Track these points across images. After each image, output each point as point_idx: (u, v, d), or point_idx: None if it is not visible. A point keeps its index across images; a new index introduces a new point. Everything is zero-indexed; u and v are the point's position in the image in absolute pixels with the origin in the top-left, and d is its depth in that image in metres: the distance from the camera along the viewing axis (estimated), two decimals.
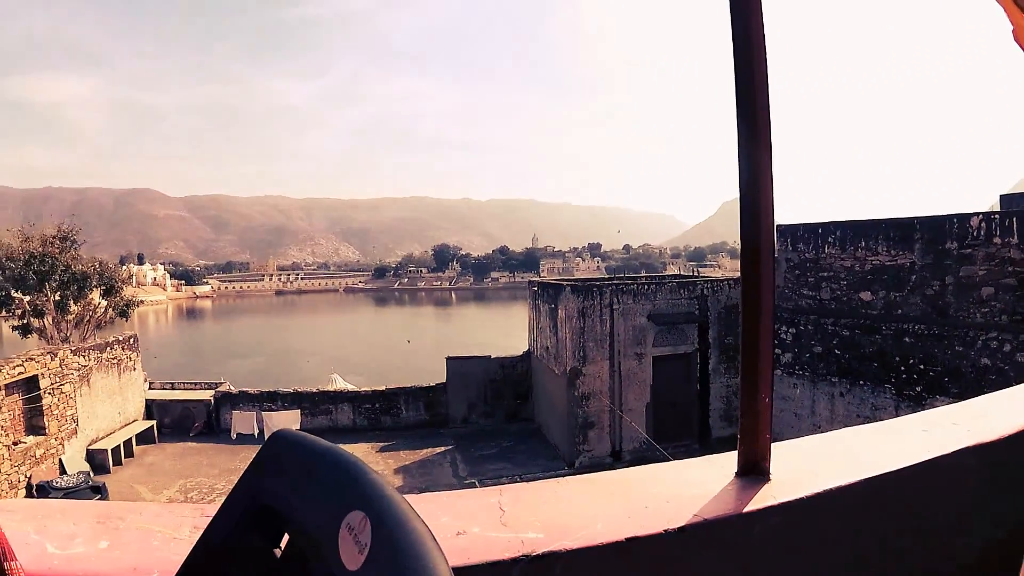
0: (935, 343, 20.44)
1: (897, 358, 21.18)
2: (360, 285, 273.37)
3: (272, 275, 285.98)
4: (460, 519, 1.60)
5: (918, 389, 19.95)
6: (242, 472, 1.04)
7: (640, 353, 25.86)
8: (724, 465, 1.97)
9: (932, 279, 20.93)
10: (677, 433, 26.11)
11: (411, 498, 1.78)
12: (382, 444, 29.60)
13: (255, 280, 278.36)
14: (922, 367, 20.51)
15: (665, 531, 1.58)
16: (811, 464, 2.06)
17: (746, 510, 1.72)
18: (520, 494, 1.79)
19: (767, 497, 1.79)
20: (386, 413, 32.44)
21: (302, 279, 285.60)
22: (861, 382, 22.00)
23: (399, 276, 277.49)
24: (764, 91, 1.91)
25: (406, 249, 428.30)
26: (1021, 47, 3.43)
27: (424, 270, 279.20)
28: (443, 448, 28.99)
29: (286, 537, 0.97)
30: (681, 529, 1.60)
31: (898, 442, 2.35)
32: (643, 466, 2.08)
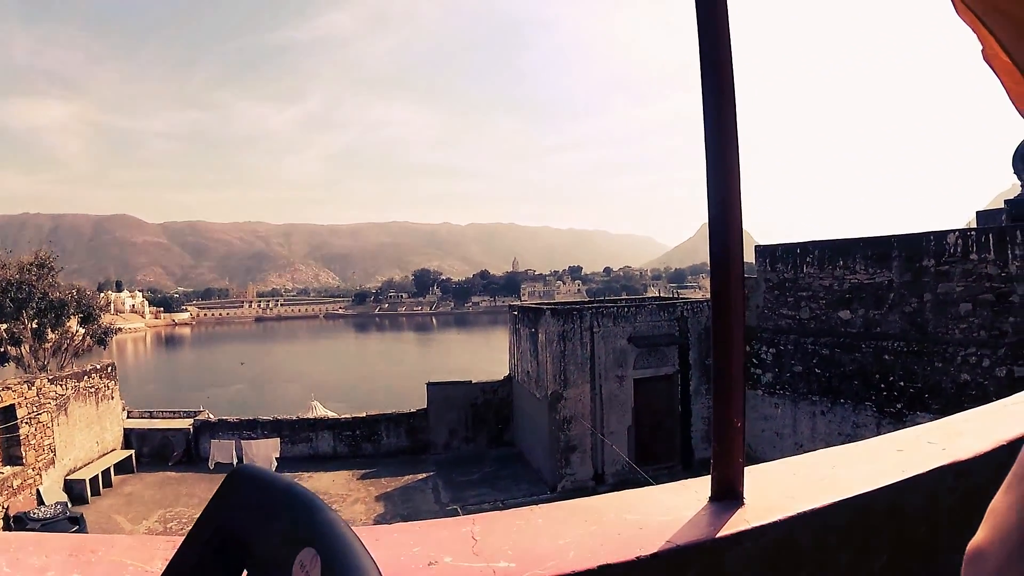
0: (915, 360, 20.52)
1: (877, 375, 21.25)
2: (340, 311, 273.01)
3: (251, 301, 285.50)
4: (432, 549, 1.58)
5: (899, 406, 20.02)
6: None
7: (621, 376, 25.88)
8: (698, 490, 1.96)
9: (910, 296, 21.03)
10: (660, 455, 26.11)
11: (385, 528, 1.77)
12: (363, 471, 29.45)
13: (234, 307, 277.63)
14: (902, 384, 20.58)
15: (638, 558, 1.57)
16: (785, 487, 2.05)
17: (719, 535, 1.71)
18: (492, 523, 1.78)
19: (741, 522, 1.78)
20: (367, 440, 32.29)
21: (282, 305, 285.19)
22: (842, 400, 22.06)
23: (379, 301, 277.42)
24: (732, 112, 1.92)
25: (386, 274, 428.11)
26: (990, 66, 3.46)
27: (404, 295, 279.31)
28: (425, 474, 28.88)
29: (246, 572, 0.96)
30: (654, 556, 1.59)
31: (873, 462, 2.35)
32: (616, 492, 2.07)
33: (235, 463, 29.56)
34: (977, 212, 31.91)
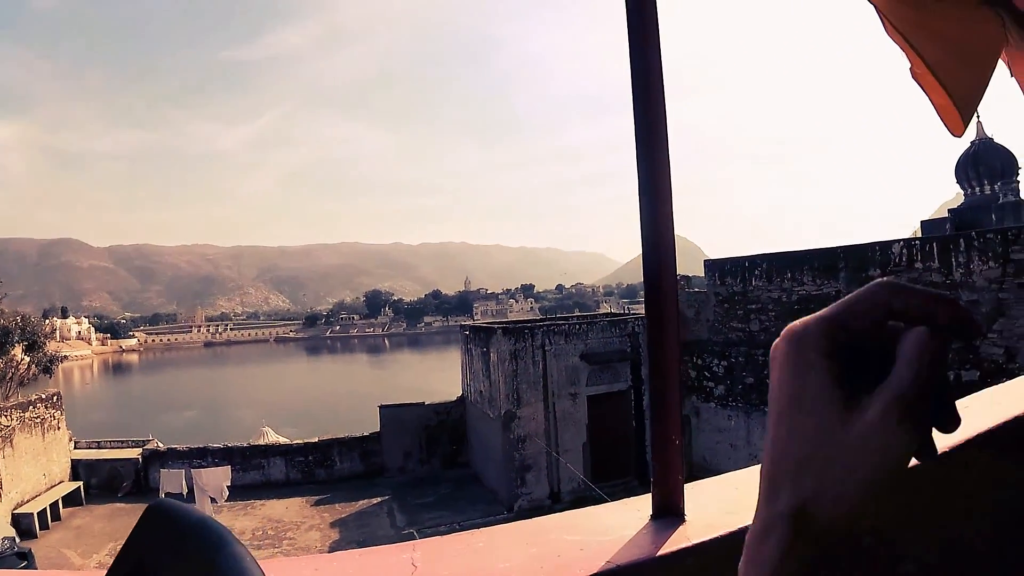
0: None
1: None
2: (291, 334, 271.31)
3: (200, 326, 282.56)
4: (373, 574, 1.56)
5: None
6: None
7: (574, 393, 25.93)
8: (640, 508, 1.95)
9: None
10: (615, 471, 26.15)
11: (326, 557, 1.75)
12: (317, 497, 29.20)
13: (183, 332, 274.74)
14: None
15: None
16: (726, 503, 2.05)
17: (660, 553, 1.70)
18: (433, 548, 1.76)
19: (682, 539, 1.77)
20: (320, 465, 32.04)
21: (231, 329, 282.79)
22: None
23: (331, 324, 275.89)
24: (662, 126, 1.92)
25: (337, 296, 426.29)
26: (918, 84, 3.52)
27: (356, 317, 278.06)
28: (380, 498, 28.70)
29: None
30: None
31: None
32: (559, 513, 2.06)
33: (185, 493, 29.22)
34: (922, 222, 32.50)
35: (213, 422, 66.27)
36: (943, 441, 2.02)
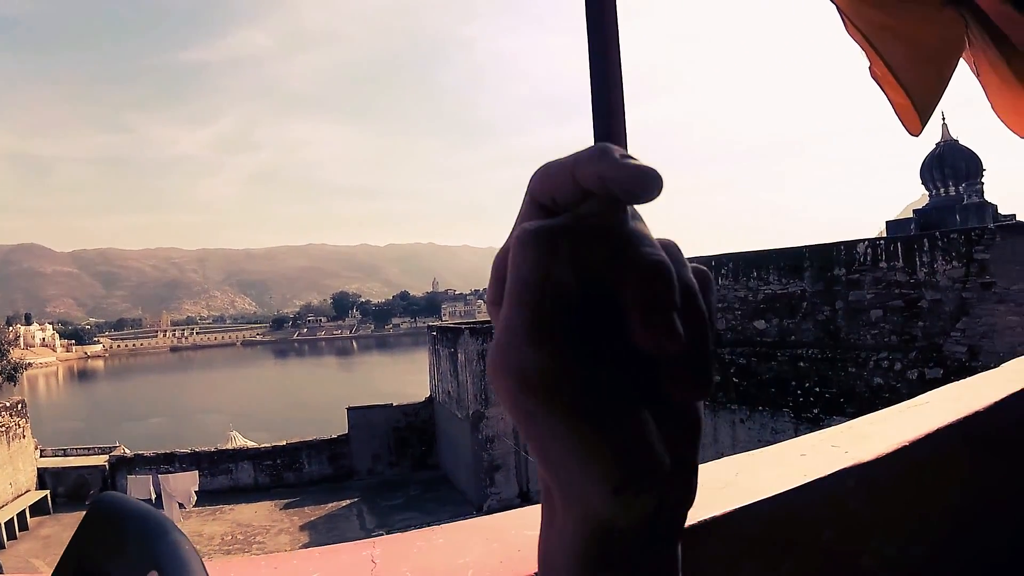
0: (829, 366, 20.95)
1: (793, 383, 21.64)
2: (258, 338, 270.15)
3: (166, 331, 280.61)
4: (330, 574, 1.56)
5: (815, 411, 20.40)
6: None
7: None
8: None
9: (823, 305, 21.50)
10: None
11: (284, 556, 1.74)
12: (286, 501, 29.12)
13: (148, 337, 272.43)
14: (818, 390, 20.99)
15: (536, 573, 1.56)
16: None
17: None
18: (394, 545, 1.75)
19: None
20: (288, 469, 31.94)
21: (197, 334, 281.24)
22: (760, 408, 22.41)
23: (298, 327, 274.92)
24: (621, 128, 1.92)
25: (304, 298, 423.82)
26: (876, 83, 3.57)
27: (324, 319, 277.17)
28: (349, 501, 28.66)
29: None
30: None
31: (776, 468, 2.36)
32: (519, 509, 2.06)
33: (153, 499, 29.00)
34: (887, 222, 32.78)
35: (180, 428, 65.81)
36: (905, 436, 2.06)
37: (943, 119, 34.80)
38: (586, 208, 0.39)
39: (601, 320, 0.39)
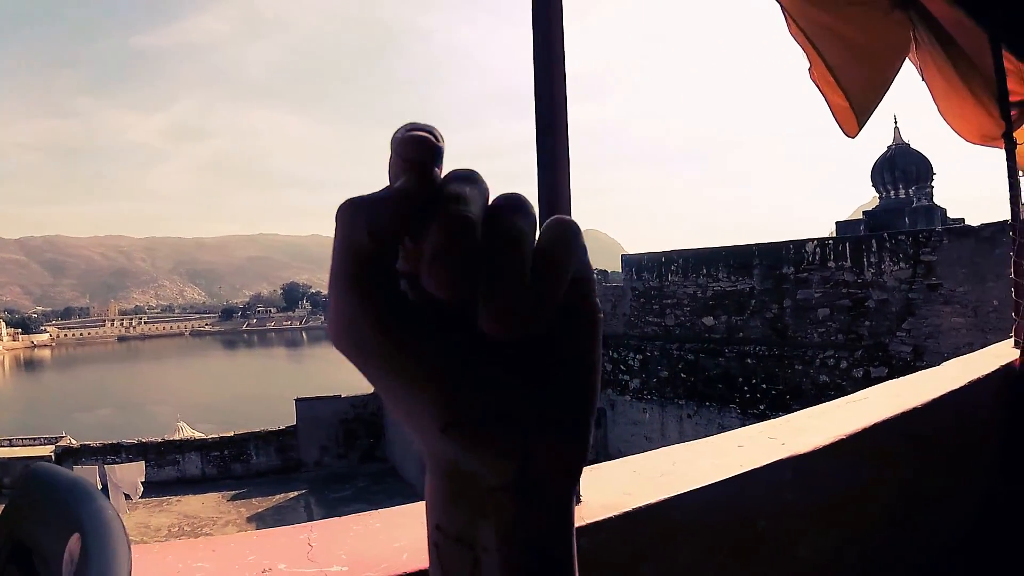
0: (776, 363, 21.20)
1: (741, 379, 21.88)
2: (207, 328, 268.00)
3: (114, 320, 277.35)
4: (267, 557, 1.56)
5: (762, 407, 20.62)
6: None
7: None
8: None
9: (771, 303, 21.77)
10: None
11: (223, 539, 1.75)
12: (233, 492, 28.87)
13: (96, 326, 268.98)
14: (764, 386, 21.24)
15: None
16: (624, 485, 2.09)
17: None
18: (331, 529, 1.77)
19: (576, 519, 1.80)
20: (236, 460, 31.64)
21: (145, 323, 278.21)
22: (707, 403, 22.63)
23: (247, 317, 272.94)
24: (563, 125, 1.96)
25: (254, 289, 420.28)
26: (815, 84, 3.64)
27: (273, 310, 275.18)
28: (297, 493, 28.48)
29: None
30: None
31: (714, 458, 2.41)
32: None
33: (100, 490, 28.61)
34: (837, 222, 33.14)
35: (128, 419, 65.22)
36: (843, 430, 2.11)
37: (895, 123, 35.28)
38: (401, 180, 0.42)
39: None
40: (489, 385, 0.41)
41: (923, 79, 4.83)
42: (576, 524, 1.44)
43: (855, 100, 3.61)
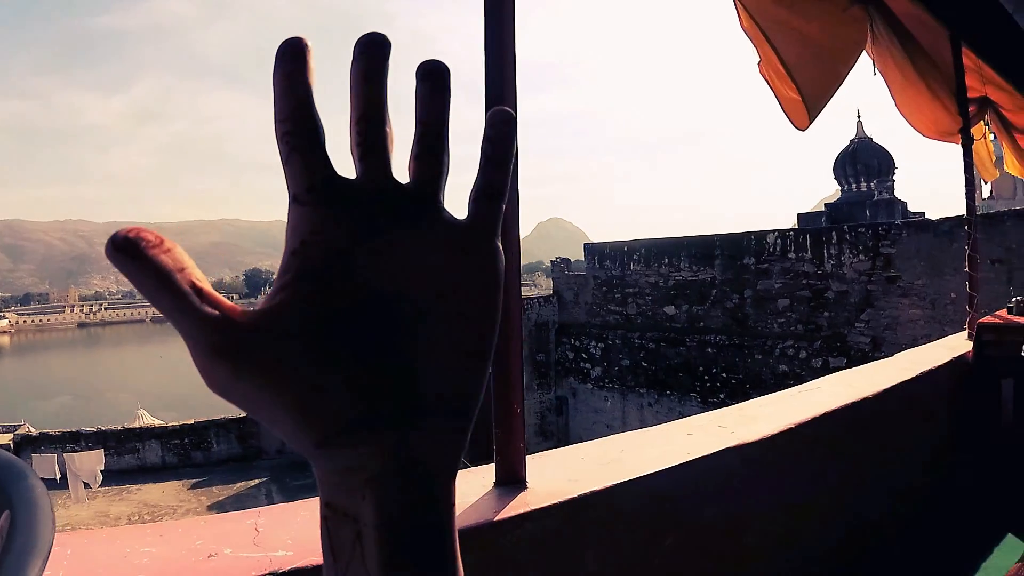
0: (736, 352, 21.35)
1: (701, 368, 22.03)
2: None
3: (74, 306, 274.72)
4: (214, 542, 1.58)
5: (722, 396, 20.78)
6: None
7: None
8: (485, 476, 2.00)
9: (732, 293, 21.91)
10: (488, 445, 26.41)
11: (171, 524, 1.76)
12: (194, 480, 28.68)
13: (56, 312, 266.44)
14: (725, 375, 21.39)
15: None
16: (571, 471, 2.12)
17: (498, 518, 1.75)
18: (278, 515, 1.78)
19: (522, 505, 1.83)
20: (196, 448, 31.38)
21: (106, 309, 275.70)
22: (668, 392, 22.77)
23: None
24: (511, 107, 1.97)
25: (216, 275, 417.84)
26: (764, 77, 3.67)
27: (235, 296, 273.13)
28: (258, 480, 28.32)
29: None
30: None
31: (662, 446, 2.44)
32: None
33: (58, 478, 28.42)
34: (799, 214, 33.37)
35: (88, 407, 64.85)
36: (792, 419, 2.14)
37: (858, 117, 35.58)
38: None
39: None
40: (360, 396, 0.42)
41: (880, 74, 4.87)
42: (522, 510, 1.47)
43: (807, 94, 3.64)
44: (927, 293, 18.65)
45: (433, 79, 0.50)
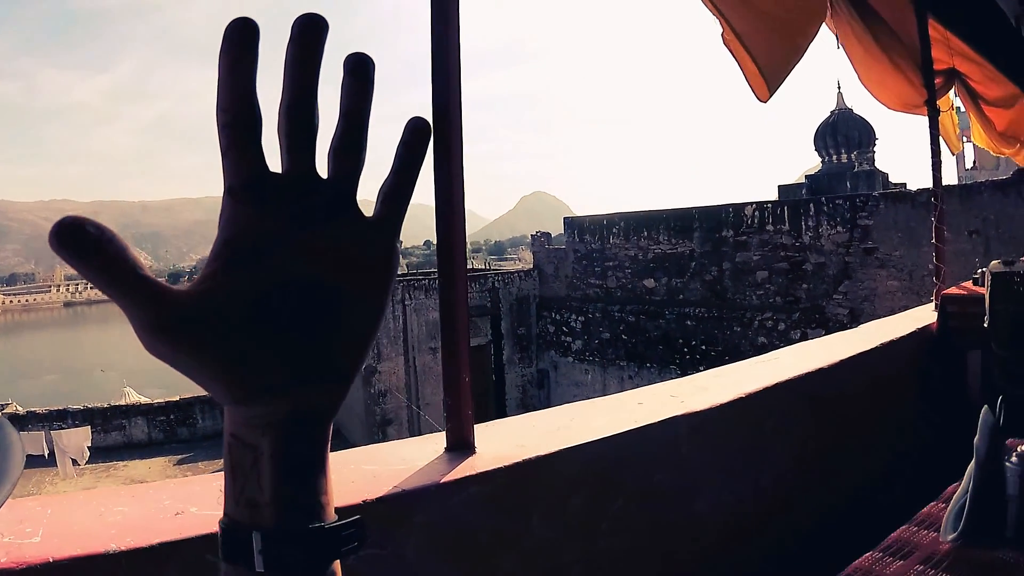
0: (715, 325, 21.47)
1: (680, 340, 22.15)
2: None
3: (60, 286, 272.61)
4: (181, 502, 1.66)
5: (701, 368, 20.73)
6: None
7: (435, 348, 25.97)
8: (437, 442, 2.09)
9: (711, 265, 22.00)
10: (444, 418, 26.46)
11: (143, 487, 1.86)
12: (180, 456, 28.69)
13: (42, 292, 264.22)
14: (704, 348, 21.53)
15: (364, 501, 1.70)
16: (520, 438, 2.20)
17: (444, 480, 1.85)
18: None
19: (468, 468, 1.92)
20: (182, 424, 31.35)
21: (91, 288, 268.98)
22: (648, 364, 22.89)
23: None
24: (457, 106, 2.07)
25: (201, 252, 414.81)
26: (728, 49, 3.70)
27: None
28: None
29: None
30: (380, 499, 1.71)
31: (612, 414, 2.53)
32: (364, 447, 2.20)
33: (46, 455, 28.35)
34: (779, 186, 33.32)
35: (75, 385, 64.40)
36: (743, 389, 2.26)
37: (839, 88, 35.55)
38: None
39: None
40: (278, 365, 0.55)
41: (843, 48, 4.90)
42: (468, 473, 1.61)
43: (765, 68, 3.67)
44: (905, 264, 18.74)
45: (358, 73, 0.60)
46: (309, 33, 0.57)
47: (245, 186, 0.55)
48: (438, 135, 2.02)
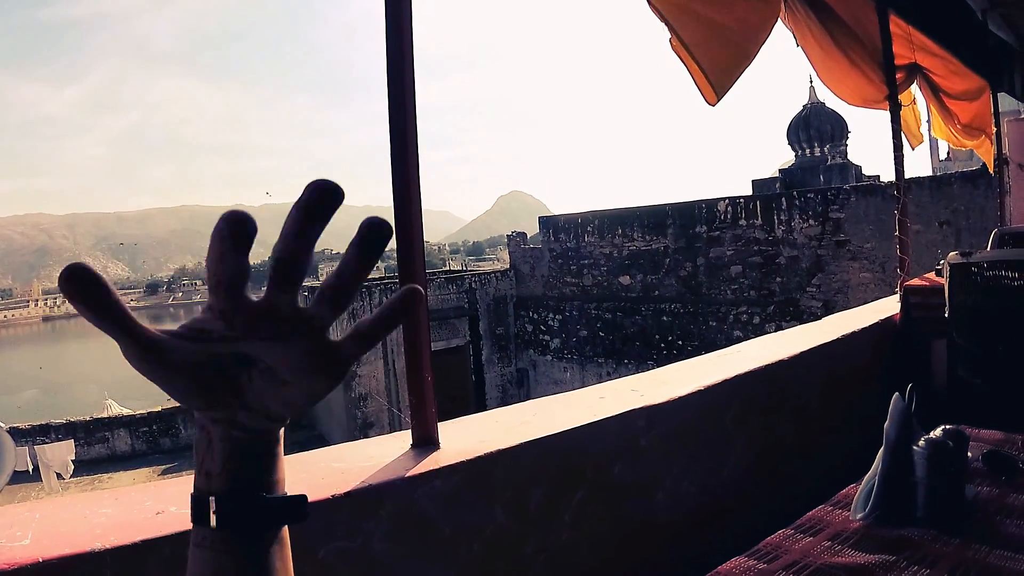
0: (691, 320, 21.59)
1: (657, 336, 22.26)
2: (132, 303, 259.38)
3: (38, 300, 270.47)
4: (161, 503, 1.74)
5: None
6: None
7: None
8: (404, 439, 2.19)
9: (685, 261, 22.12)
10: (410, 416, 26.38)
11: (124, 489, 1.97)
12: (164, 467, 28.57)
13: (19, 307, 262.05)
14: (680, 343, 21.63)
15: (333, 496, 1.81)
16: (483, 433, 2.32)
17: (410, 474, 1.94)
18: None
19: (432, 463, 2.02)
20: (165, 434, 31.20)
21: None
22: (626, 361, 22.98)
23: (173, 291, 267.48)
24: (411, 104, 2.18)
25: (178, 262, 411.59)
26: (676, 55, 3.77)
27: (199, 282, 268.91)
28: None
29: None
30: (347, 494, 1.81)
31: (573, 409, 2.63)
32: (335, 446, 2.32)
33: (30, 470, 28.18)
34: (753, 181, 33.39)
35: (56, 400, 64.08)
36: (702, 382, 2.39)
37: (811, 82, 35.55)
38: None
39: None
40: (214, 399, 0.69)
41: (800, 47, 4.96)
42: (432, 467, 1.75)
43: (712, 74, 3.69)
44: (876, 256, 18.88)
45: (370, 247, 0.67)
46: (320, 206, 0.65)
47: (222, 314, 0.66)
48: (394, 133, 2.14)
